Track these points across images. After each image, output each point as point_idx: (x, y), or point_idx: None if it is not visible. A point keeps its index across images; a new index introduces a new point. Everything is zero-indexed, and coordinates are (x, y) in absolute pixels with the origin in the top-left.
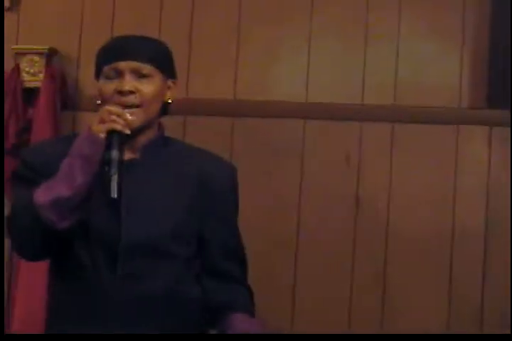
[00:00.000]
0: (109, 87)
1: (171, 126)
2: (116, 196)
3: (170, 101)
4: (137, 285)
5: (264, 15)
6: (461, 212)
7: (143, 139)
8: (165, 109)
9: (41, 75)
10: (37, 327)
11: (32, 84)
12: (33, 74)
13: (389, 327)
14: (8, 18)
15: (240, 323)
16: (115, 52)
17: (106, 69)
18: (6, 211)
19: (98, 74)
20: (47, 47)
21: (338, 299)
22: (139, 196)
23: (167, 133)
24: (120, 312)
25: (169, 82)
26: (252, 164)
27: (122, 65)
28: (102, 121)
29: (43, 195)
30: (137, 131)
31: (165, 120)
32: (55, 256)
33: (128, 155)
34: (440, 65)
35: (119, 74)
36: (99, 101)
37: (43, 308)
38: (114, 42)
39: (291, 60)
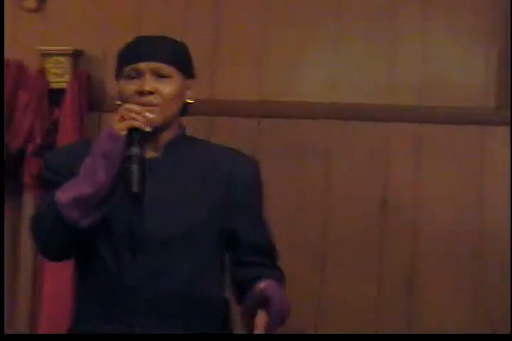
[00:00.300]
0: (130, 87)
1: (197, 126)
2: (137, 190)
3: (190, 101)
4: (158, 282)
5: (290, 15)
6: (487, 213)
7: (164, 138)
8: (185, 109)
9: (67, 76)
10: (65, 328)
11: (58, 86)
12: (58, 75)
13: (416, 328)
14: (34, 20)
15: (271, 288)
16: (135, 52)
17: (127, 69)
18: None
19: (118, 74)
20: (73, 48)
21: (365, 301)
22: (161, 193)
23: (193, 134)
24: (143, 310)
25: (189, 82)
26: (277, 165)
27: (142, 65)
28: (122, 119)
29: (64, 193)
30: (157, 130)
31: (190, 120)
32: (78, 255)
33: (149, 154)
34: (466, 65)
35: (140, 74)
36: (119, 102)
37: (68, 306)
38: (134, 42)
39: (317, 61)
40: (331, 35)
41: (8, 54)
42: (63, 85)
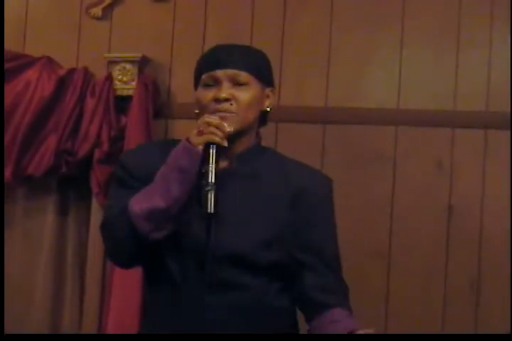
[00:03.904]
0: (207, 94)
1: (263, 133)
2: (213, 211)
3: (269, 109)
4: (224, 295)
5: (356, 22)
6: None
7: (238, 148)
8: (264, 119)
9: (133, 83)
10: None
11: (124, 93)
12: (125, 82)
13: (482, 329)
14: (101, 27)
15: (341, 318)
16: (213, 60)
17: (204, 77)
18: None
19: (197, 83)
20: (139, 55)
21: (432, 308)
22: (231, 206)
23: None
24: (208, 322)
25: (267, 91)
26: (343, 171)
27: (219, 73)
28: (201, 133)
29: (138, 204)
30: (233, 139)
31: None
32: (147, 265)
33: (222, 164)
34: None
35: (217, 82)
36: (197, 111)
37: (137, 315)
38: (212, 51)
39: (383, 67)
40: (397, 41)
41: (75, 61)
42: (130, 92)
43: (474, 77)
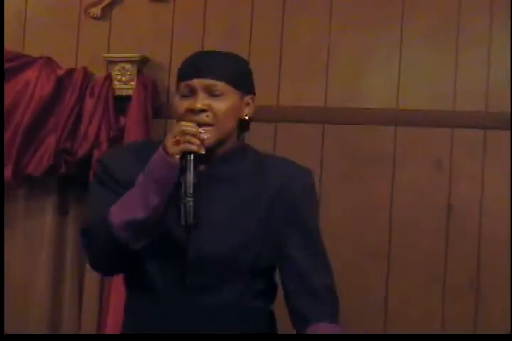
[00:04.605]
0: (183, 104)
1: (262, 133)
2: (190, 222)
3: (247, 118)
4: (204, 298)
5: (355, 23)
6: None
7: (217, 153)
8: (245, 126)
9: (133, 83)
10: None
11: (124, 93)
12: (124, 82)
13: (482, 329)
14: (100, 27)
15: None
16: (190, 69)
17: (181, 86)
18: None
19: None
20: (138, 55)
21: (431, 308)
22: (209, 210)
23: (258, 140)
24: (187, 324)
25: (247, 99)
26: (342, 171)
27: (196, 82)
28: (177, 142)
29: (117, 215)
30: (212, 146)
31: (256, 127)
32: (126, 270)
33: (201, 167)
34: None
35: (193, 92)
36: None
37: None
38: (190, 59)
39: (382, 67)
40: (396, 41)
41: (74, 61)
42: (129, 92)
43: (473, 77)
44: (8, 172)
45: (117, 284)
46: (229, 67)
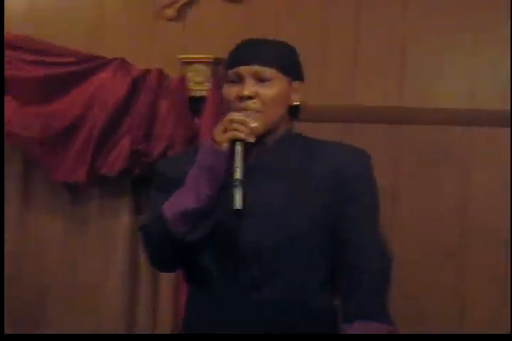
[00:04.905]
0: (231, 91)
1: (336, 133)
2: (240, 207)
3: (296, 103)
4: (260, 291)
5: (429, 24)
6: None
7: (269, 141)
8: (295, 111)
9: (207, 84)
10: None
11: (198, 93)
12: (198, 83)
13: None
14: (174, 28)
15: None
16: (237, 56)
17: (230, 73)
18: None
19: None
20: (213, 56)
21: (501, 308)
22: (263, 201)
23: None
24: (245, 319)
25: (295, 84)
26: (416, 171)
27: (243, 69)
28: (225, 131)
29: (170, 207)
30: (263, 135)
31: (329, 127)
32: (183, 266)
33: (253, 158)
34: None
35: (240, 78)
36: (225, 106)
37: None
38: (238, 47)
39: (456, 68)
40: (470, 43)
41: (149, 62)
42: (203, 93)
43: None
44: (82, 173)
45: None
46: (276, 53)
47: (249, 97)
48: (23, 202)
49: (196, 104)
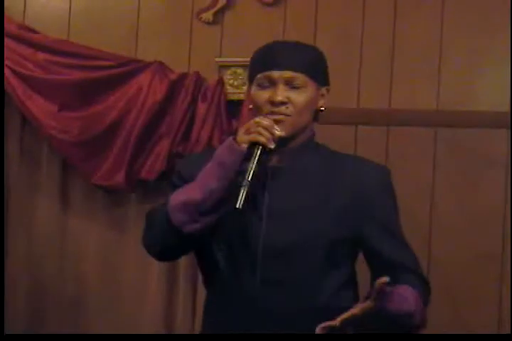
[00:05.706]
0: (262, 95)
1: (374, 136)
2: (240, 207)
3: (322, 109)
4: (276, 291)
5: (466, 25)
6: None
7: (292, 145)
8: (316, 116)
9: (244, 88)
10: None
11: (235, 97)
12: (236, 86)
13: None
14: (212, 31)
15: (399, 289)
16: (269, 60)
17: (259, 76)
18: None
19: (251, 79)
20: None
21: None
22: (283, 202)
23: (369, 144)
24: (261, 318)
25: (323, 90)
26: (455, 175)
27: (276, 74)
28: (248, 132)
29: (176, 196)
30: (287, 138)
31: (368, 130)
32: (203, 266)
33: (276, 161)
34: None
35: (273, 83)
36: (250, 106)
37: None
38: (268, 49)
39: (494, 70)
40: (507, 44)
41: (186, 66)
42: (241, 96)
43: None
44: (120, 177)
45: None
46: (308, 59)
47: (282, 103)
48: (62, 206)
49: (234, 107)
